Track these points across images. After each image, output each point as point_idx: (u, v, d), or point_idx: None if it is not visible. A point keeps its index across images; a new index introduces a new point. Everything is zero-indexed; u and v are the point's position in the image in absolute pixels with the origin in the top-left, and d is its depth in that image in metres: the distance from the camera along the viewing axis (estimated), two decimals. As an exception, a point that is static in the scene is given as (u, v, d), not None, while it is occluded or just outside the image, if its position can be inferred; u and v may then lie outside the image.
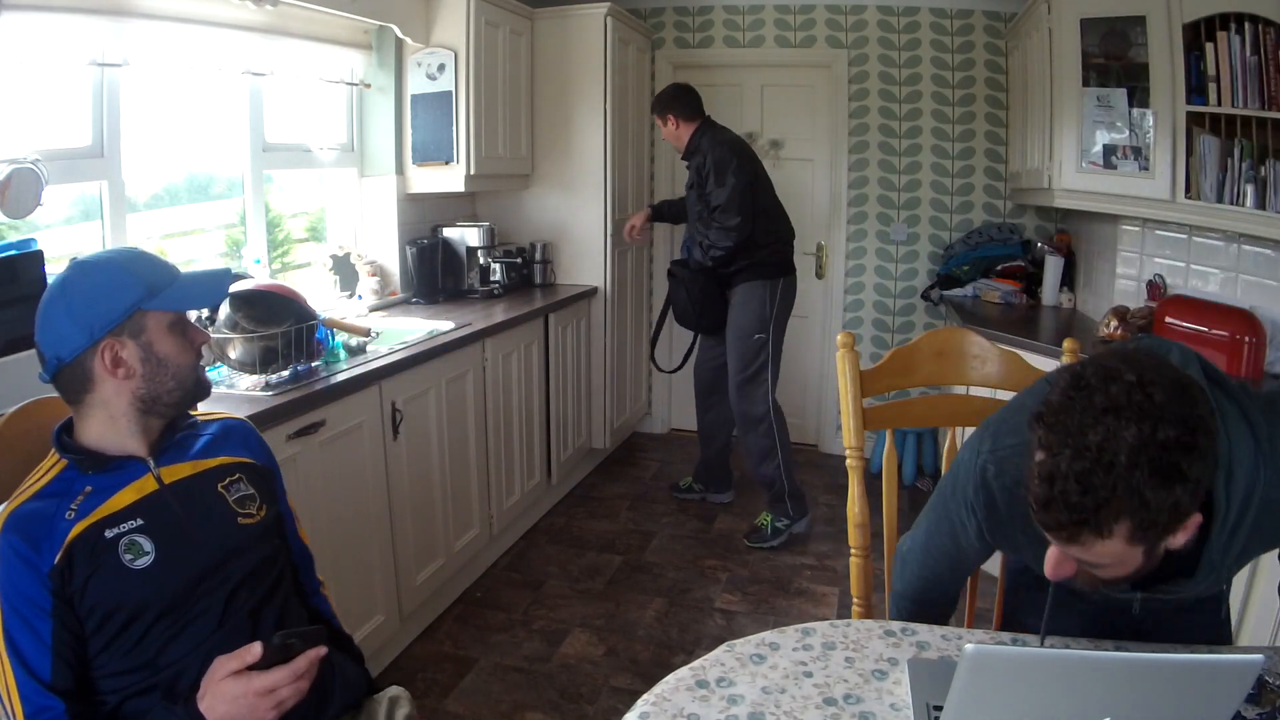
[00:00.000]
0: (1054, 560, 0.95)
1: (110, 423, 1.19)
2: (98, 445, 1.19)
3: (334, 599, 1.48)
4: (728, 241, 3.28)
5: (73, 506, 1.13)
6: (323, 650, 1.13)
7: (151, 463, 1.20)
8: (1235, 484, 0.95)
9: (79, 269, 1.19)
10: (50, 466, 1.18)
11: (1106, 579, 0.95)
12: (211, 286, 1.31)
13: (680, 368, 3.91)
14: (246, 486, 1.28)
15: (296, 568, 1.40)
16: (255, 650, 1.08)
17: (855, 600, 1.55)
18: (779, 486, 3.39)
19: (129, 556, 1.13)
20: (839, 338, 1.63)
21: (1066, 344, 1.67)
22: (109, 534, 1.13)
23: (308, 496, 2.06)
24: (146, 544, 1.14)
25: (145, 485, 1.19)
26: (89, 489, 1.15)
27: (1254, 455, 0.96)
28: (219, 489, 1.25)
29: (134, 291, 1.17)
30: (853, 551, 1.57)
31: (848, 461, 1.57)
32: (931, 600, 1.36)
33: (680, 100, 3.43)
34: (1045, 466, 0.87)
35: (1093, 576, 0.96)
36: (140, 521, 1.16)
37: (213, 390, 1.37)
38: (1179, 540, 0.90)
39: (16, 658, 1.06)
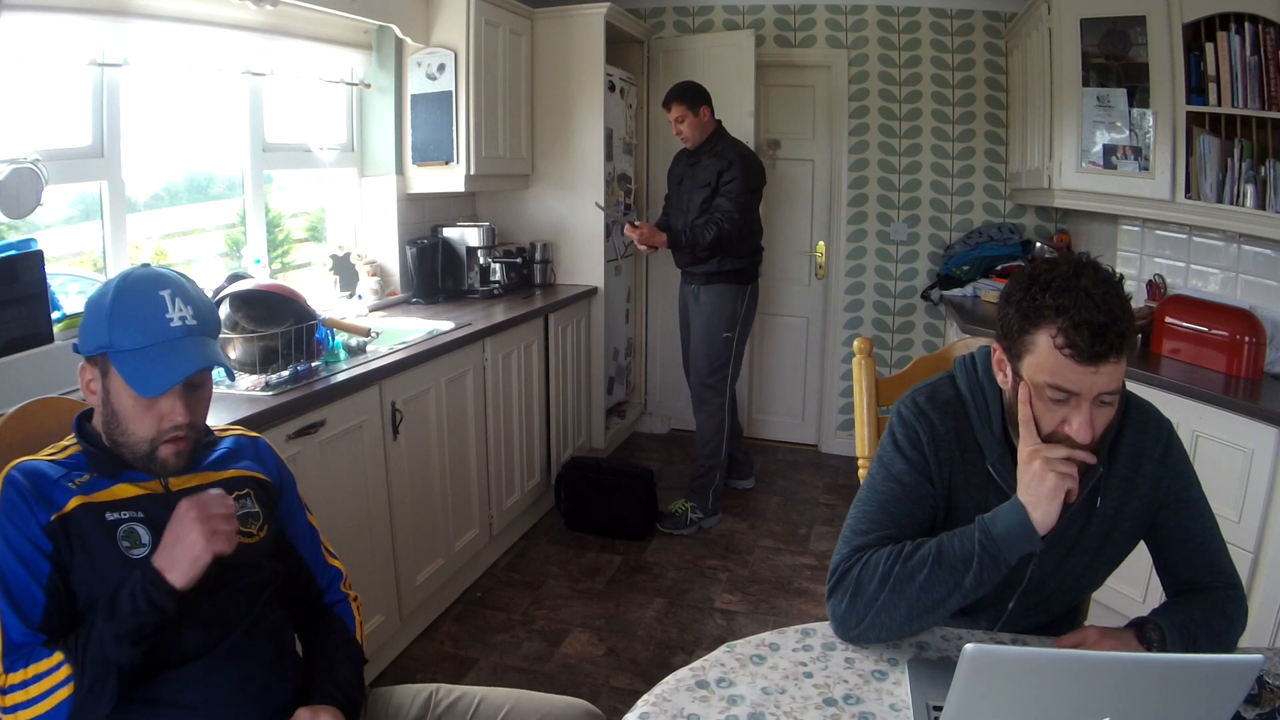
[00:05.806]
0: (1087, 420, 1.07)
1: (100, 424, 1.19)
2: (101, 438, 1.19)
3: (360, 612, 1.42)
4: (710, 235, 3.32)
5: (77, 480, 1.14)
6: None
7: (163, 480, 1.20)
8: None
9: (120, 283, 1.17)
10: (67, 446, 1.19)
11: (1099, 432, 1.09)
12: (174, 365, 1.15)
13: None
14: (253, 504, 1.27)
15: (312, 577, 1.38)
16: None
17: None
18: (710, 478, 3.53)
19: (126, 544, 1.13)
20: (857, 343, 1.65)
21: None
22: (110, 516, 1.13)
23: (308, 497, 2.04)
24: (145, 535, 1.14)
25: (152, 485, 1.19)
26: (96, 474, 1.16)
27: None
28: None
29: (101, 335, 1.15)
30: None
31: (860, 472, 1.57)
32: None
33: (708, 94, 3.47)
34: (1074, 316, 1.03)
35: (1088, 449, 1.08)
36: (141, 514, 1.15)
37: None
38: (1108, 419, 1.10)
39: (6, 597, 1.05)
